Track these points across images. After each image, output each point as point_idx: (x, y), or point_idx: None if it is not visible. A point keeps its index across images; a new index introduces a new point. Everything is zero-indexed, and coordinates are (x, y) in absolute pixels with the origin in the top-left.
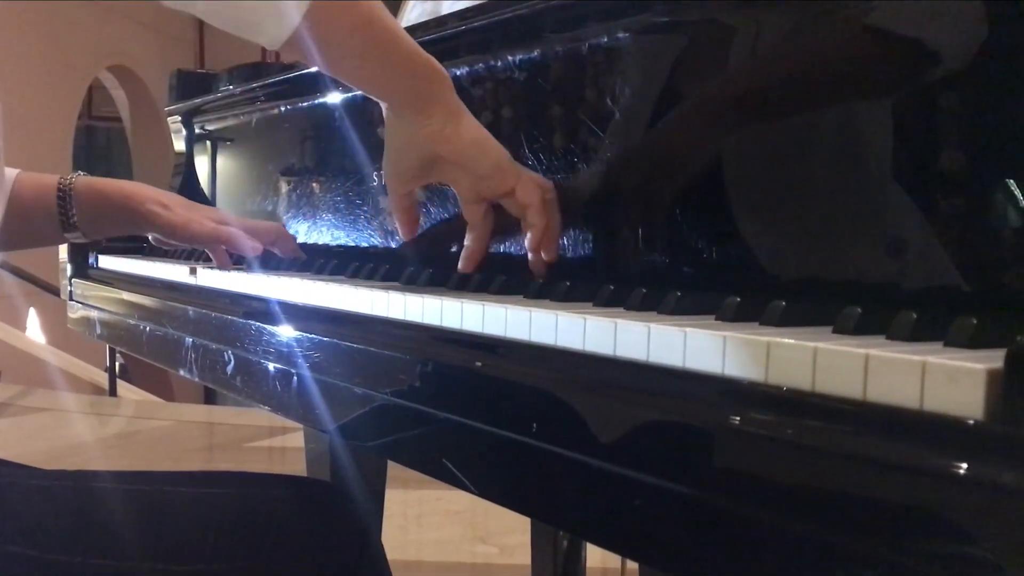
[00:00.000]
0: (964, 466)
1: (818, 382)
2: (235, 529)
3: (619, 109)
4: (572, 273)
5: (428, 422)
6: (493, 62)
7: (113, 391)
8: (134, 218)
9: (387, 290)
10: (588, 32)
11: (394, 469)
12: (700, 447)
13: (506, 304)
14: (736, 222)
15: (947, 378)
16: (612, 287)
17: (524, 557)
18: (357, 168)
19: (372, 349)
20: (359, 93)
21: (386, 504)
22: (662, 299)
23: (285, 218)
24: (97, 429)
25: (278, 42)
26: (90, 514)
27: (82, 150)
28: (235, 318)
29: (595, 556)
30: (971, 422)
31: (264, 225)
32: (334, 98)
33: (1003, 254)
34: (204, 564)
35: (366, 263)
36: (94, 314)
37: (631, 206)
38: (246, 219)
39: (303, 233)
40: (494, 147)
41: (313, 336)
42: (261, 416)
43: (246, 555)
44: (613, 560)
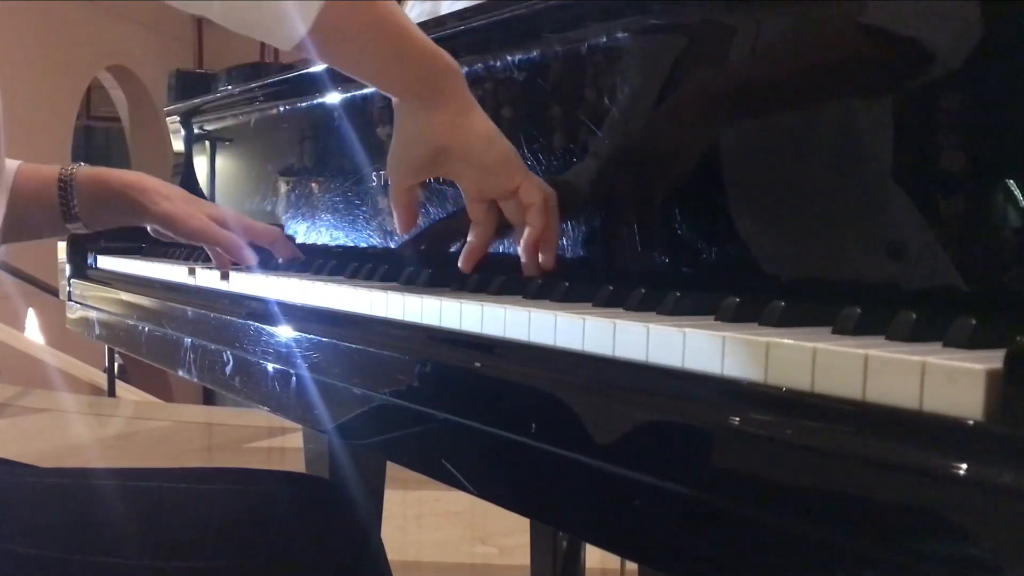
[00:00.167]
0: (963, 466)
1: (817, 382)
2: (235, 526)
3: (618, 109)
4: (571, 273)
5: (427, 422)
6: (492, 62)
7: (112, 392)
8: (134, 207)
9: (386, 290)
10: (587, 32)
11: (393, 470)
12: (699, 448)
13: (505, 304)
14: (735, 222)
15: (946, 378)
16: (611, 287)
17: (523, 558)
18: (356, 168)
19: (371, 349)
20: (358, 93)
21: (385, 505)
22: (661, 299)
23: (284, 218)
24: (96, 430)
25: (291, 43)
26: (89, 511)
27: (81, 150)
28: (234, 318)
29: (594, 557)
30: (970, 422)
31: (263, 227)
32: (333, 98)
33: (1003, 254)
34: (203, 561)
35: (365, 263)
36: (93, 314)
37: (630, 206)
38: (245, 218)
39: (302, 233)
40: (503, 143)
41: (312, 336)
42: (260, 417)
43: (246, 552)
44: (612, 561)
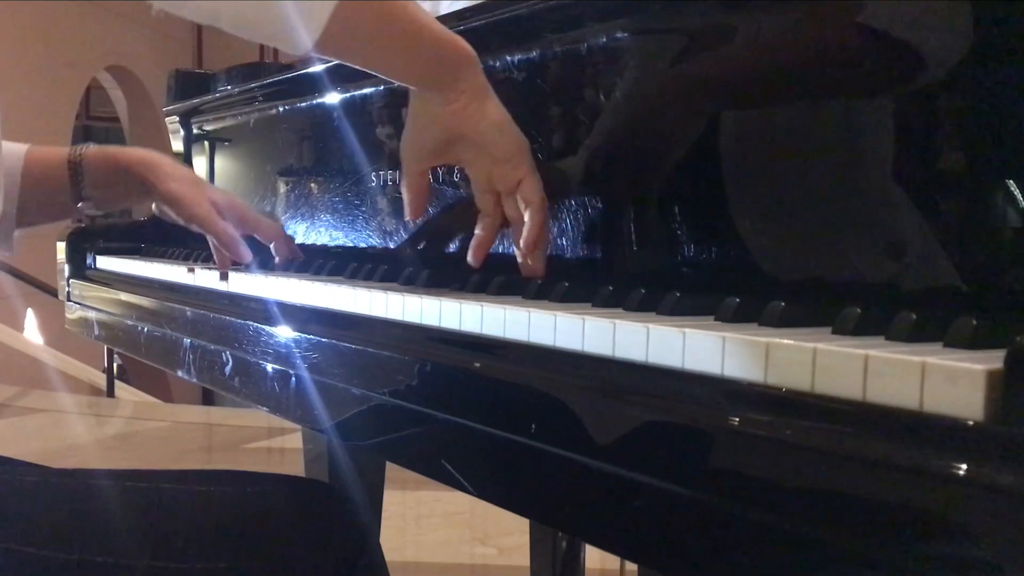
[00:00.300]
0: (963, 467)
1: (817, 383)
2: (233, 528)
3: (618, 109)
4: (571, 273)
5: (426, 423)
6: (491, 62)
7: (111, 392)
8: (143, 184)
9: (385, 291)
10: (586, 32)
11: (392, 470)
12: (699, 448)
13: (505, 305)
14: (735, 223)
15: (946, 379)
16: (611, 288)
17: (523, 558)
18: (355, 168)
19: (370, 350)
20: (357, 94)
21: (384, 505)
22: (661, 300)
23: (283, 219)
24: (95, 430)
25: (305, 47)
26: (88, 511)
27: None
28: (233, 319)
29: (594, 557)
30: (970, 423)
31: (265, 223)
32: (332, 98)
33: (1002, 255)
34: (201, 563)
35: (364, 263)
36: (92, 315)
37: (630, 206)
38: (249, 210)
39: (301, 233)
40: (515, 133)
41: (311, 337)
42: (259, 417)
43: (244, 554)
44: (612, 561)
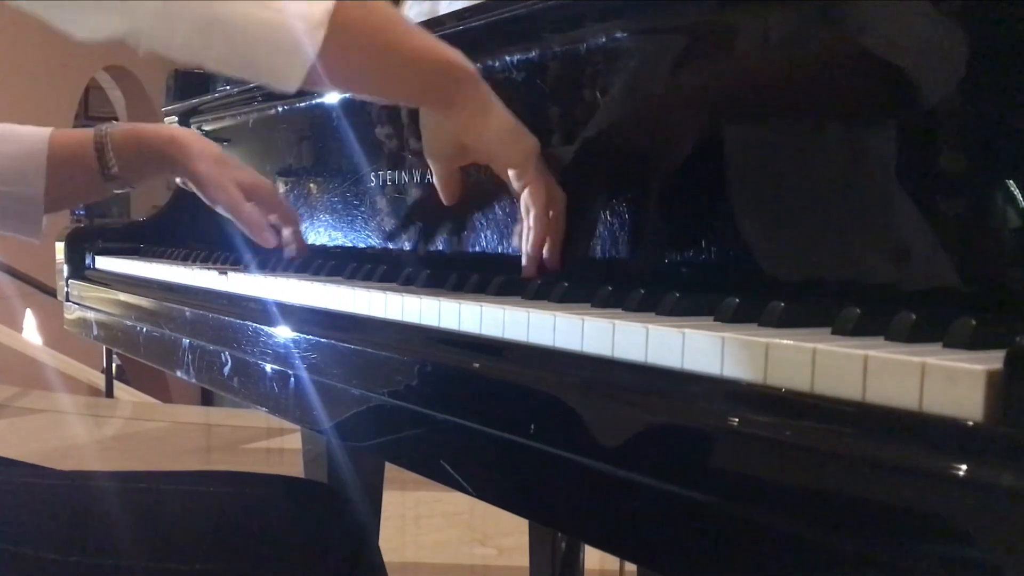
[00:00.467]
0: (963, 467)
1: (817, 383)
2: (231, 529)
3: (617, 109)
4: (570, 274)
5: (426, 423)
6: (491, 62)
7: (110, 392)
8: (171, 162)
9: (384, 291)
10: (586, 32)
11: (391, 471)
12: (698, 449)
13: (504, 305)
14: (735, 223)
15: (946, 379)
16: (610, 288)
17: (522, 559)
18: (354, 168)
19: (369, 350)
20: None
21: (384, 506)
22: (660, 300)
23: None
24: (94, 431)
25: (297, 78)
26: (85, 513)
27: None
28: (232, 319)
29: (593, 558)
30: (970, 423)
31: (288, 209)
32: (331, 98)
33: (1002, 255)
34: (200, 564)
35: (363, 264)
36: (91, 315)
37: (629, 206)
38: (275, 192)
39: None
40: (519, 141)
41: (310, 337)
42: (258, 418)
43: (242, 555)
44: (611, 562)
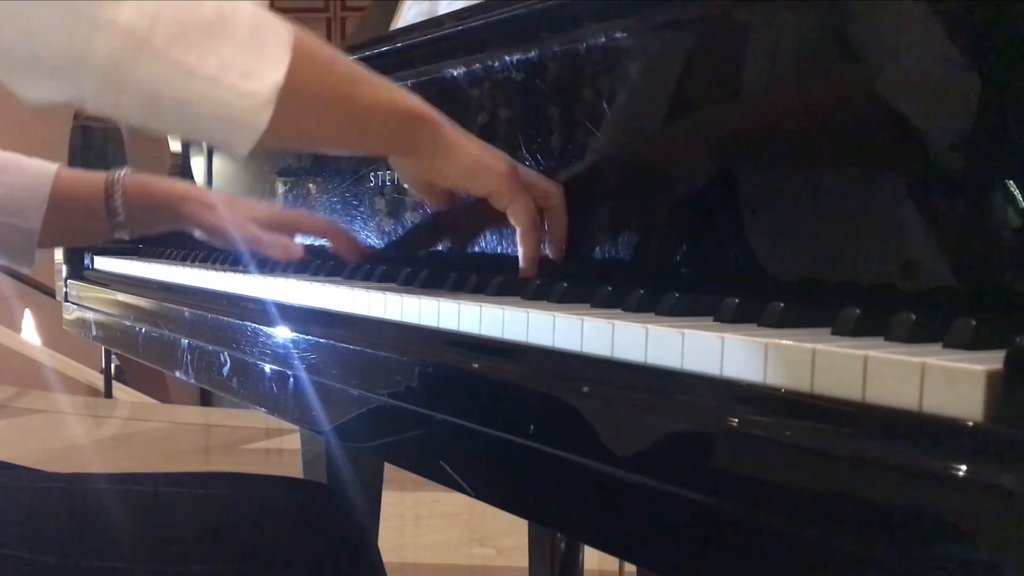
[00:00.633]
0: (963, 468)
1: (817, 383)
2: (230, 531)
3: (617, 109)
4: (570, 274)
5: (425, 424)
6: (490, 62)
7: (109, 393)
8: (180, 218)
9: (384, 291)
10: (585, 32)
11: (391, 471)
12: (698, 449)
13: (503, 305)
14: (734, 223)
15: (946, 379)
16: (610, 288)
17: (521, 559)
18: (353, 168)
19: (368, 350)
20: None
21: (383, 506)
22: (660, 300)
23: None
24: (92, 431)
25: (244, 154)
26: (84, 516)
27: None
28: (231, 319)
29: (593, 558)
30: (970, 423)
31: (308, 221)
32: None
33: (1002, 255)
34: (199, 566)
35: (362, 264)
36: (90, 315)
37: (628, 207)
38: (290, 213)
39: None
40: (487, 170)
41: (310, 337)
42: (257, 418)
43: (241, 557)
44: (610, 562)
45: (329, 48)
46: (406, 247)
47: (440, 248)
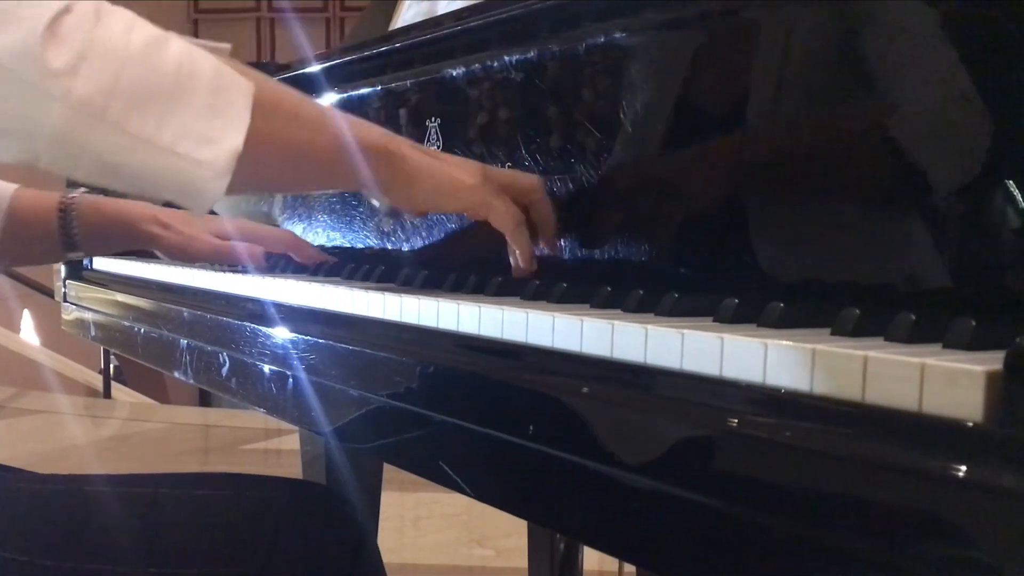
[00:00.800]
0: (963, 468)
1: (816, 384)
2: (230, 532)
3: (616, 109)
4: (569, 274)
5: (424, 424)
6: (489, 62)
7: (107, 393)
8: (136, 239)
9: (383, 291)
10: (585, 32)
11: (390, 472)
12: (698, 449)
13: (503, 306)
14: (734, 223)
15: (946, 380)
16: (609, 289)
17: (521, 560)
18: None
19: (367, 351)
20: (354, 94)
21: (382, 507)
22: (659, 301)
23: (280, 219)
24: (91, 431)
25: (206, 209)
26: (83, 518)
27: None
28: (230, 320)
29: (592, 559)
30: (970, 424)
31: (269, 233)
32: (329, 98)
33: (1002, 255)
34: (198, 567)
35: (362, 264)
36: (88, 316)
37: (628, 207)
38: (251, 225)
39: (298, 234)
40: (457, 190)
41: (309, 338)
42: (256, 418)
43: (241, 558)
44: (610, 563)
45: (291, 94)
46: (405, 247)
47: (439, 248)
